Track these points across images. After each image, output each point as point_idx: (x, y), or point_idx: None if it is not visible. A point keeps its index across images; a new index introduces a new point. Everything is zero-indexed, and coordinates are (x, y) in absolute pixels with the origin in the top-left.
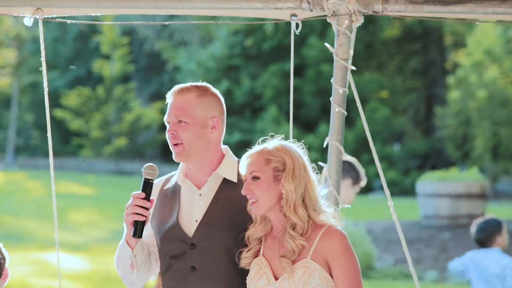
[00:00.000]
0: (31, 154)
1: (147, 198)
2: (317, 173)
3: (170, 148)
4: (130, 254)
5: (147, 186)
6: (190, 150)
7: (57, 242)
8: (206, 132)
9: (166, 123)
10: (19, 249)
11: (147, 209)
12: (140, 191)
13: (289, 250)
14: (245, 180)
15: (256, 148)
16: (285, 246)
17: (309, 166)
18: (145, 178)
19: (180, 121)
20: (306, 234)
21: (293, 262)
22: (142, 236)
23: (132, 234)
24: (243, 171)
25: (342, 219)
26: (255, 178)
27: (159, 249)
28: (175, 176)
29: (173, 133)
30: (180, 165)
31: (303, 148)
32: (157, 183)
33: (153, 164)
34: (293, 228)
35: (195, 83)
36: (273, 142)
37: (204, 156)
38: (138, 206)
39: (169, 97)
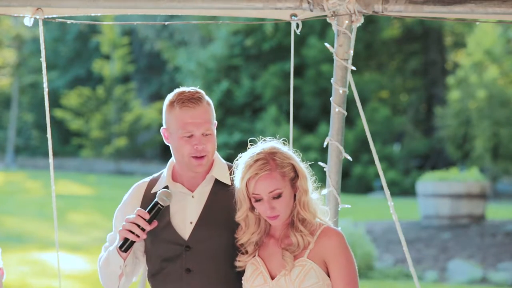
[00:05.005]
0: (31, 154)
1: (150, 220)
2: (313, 174)
3: (186, 158)
4: (122, 264)
5: (155, 209)
6: (210, 160)
7: (57, 242)
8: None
9: (185, 133)
10: (19, 249)
11: (144, 230)
12: (146, 211)
13: (293, 243)
14: (256, 200)
15: (260, 166)
16: (285, 242)
17: None
18: (156, 201)
19: (205, 134)
20: (314, 232)
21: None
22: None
23: (118, 246)
24: (257, 191)
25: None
26: (279, 195)
27: (148, 252)
28: (162, 179)
29: (204, 147)
30: (166, 167)
31: (284, 143)
32: (140, 186)
33: (170, 192)
34: (303, 224)
35: (195, 89)
36: (271, 153)
37: None
38: (137, 225)
39: (186, 107)
